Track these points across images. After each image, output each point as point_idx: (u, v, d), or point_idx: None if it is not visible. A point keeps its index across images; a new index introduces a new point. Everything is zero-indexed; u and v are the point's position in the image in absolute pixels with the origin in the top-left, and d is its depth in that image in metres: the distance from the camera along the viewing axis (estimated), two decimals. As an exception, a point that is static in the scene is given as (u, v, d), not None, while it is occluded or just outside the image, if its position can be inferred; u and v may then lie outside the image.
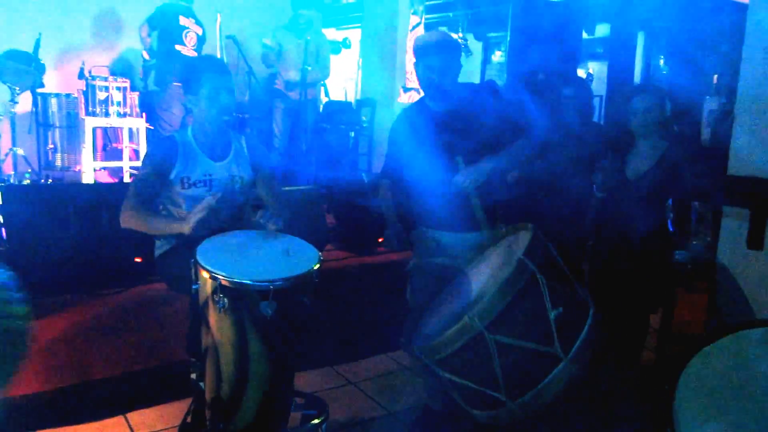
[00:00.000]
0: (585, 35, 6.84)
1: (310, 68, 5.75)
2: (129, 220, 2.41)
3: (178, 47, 5.58)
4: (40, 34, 5.11)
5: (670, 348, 3.24)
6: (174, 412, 2.73)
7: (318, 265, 2.19)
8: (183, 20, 5.65)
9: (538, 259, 2.05)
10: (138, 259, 3.86)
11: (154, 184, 2.46)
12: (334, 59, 6.61)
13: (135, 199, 2.43)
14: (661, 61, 7.26)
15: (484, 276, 2.28)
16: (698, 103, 5.93)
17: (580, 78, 5.12)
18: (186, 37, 5.65)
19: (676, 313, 3.34)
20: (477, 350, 1.99)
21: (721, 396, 1.71)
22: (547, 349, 2.00)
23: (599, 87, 8.39)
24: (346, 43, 10.61)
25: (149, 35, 5.64)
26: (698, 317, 3.76)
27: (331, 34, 11.31)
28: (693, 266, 3.71)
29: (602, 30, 7.56)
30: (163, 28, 5.58)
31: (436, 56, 2.48)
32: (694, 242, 4.39)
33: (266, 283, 2.01)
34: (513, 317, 1.99)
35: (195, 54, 5.71)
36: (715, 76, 6.07)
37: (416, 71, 2.58)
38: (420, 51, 2.54)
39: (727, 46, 6.17)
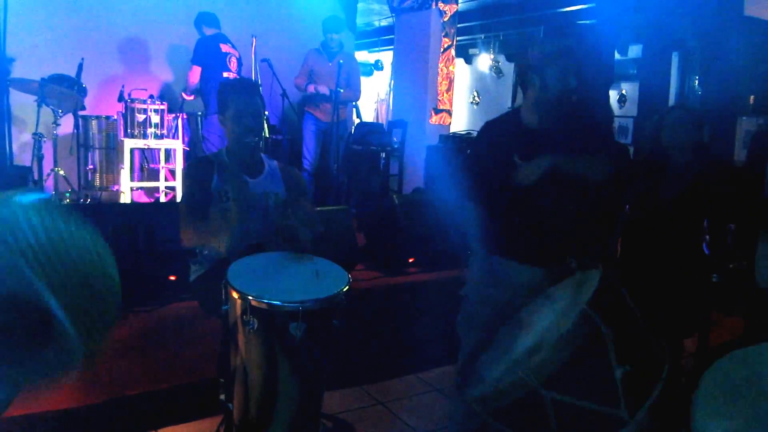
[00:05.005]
0: (617, 56, 6.81)
1: (342, 90, 5.85)
2: (190, 236, 2.44)
3: (225, 74, 5.72)
4: (82, 59, 5.28)
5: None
6: (204, 429, 2.76)
7: (347, 287, 2.20)
8: (223, 47, 5.81)
9: (606, 308, 1.89)
10: (172, 278, 3.94)
11: (201, 198, 2.52)
12: (366, 81, 6.70)
13: (190, 217, 2.47)
14: (696, 82, 7.17)
15: (546, 320, 2.10)
16: (732, 124, 5.83)
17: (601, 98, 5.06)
18: (230, 62, 5.82)
19: (713, 337, 3.27)
20: (532, 407, 1.83)
21: (741, 397, 1.68)
22: (610, 410, 1.81)
23: (632, 108, 8.33)
24: (378, 65, 10.76)
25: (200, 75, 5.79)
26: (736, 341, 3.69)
27: (364, 56, 11.48)
28: (730, 289, 3.63)
29: (635, 50, 7.52)
30: (209, 60, 5.74)
31: (573, 60, 2.24)
32: (731, 265, 4.30)
33: (296, 304, 2.03)
34: (573, 374, 1.83)
35: (236, 76, 5.86)
36: (752, 97, 5.97)
37: (540, 80, 2.27)
38: (556, 54, 2.25)
39: (765, 67, 6.08)
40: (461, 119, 11.06)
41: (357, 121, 7.02)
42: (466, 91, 11.49)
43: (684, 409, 1.65)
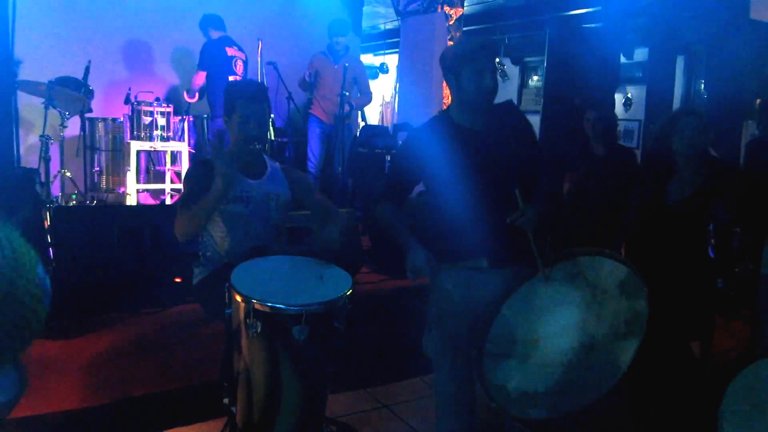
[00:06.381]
0: (623, 59, 6.80)
1: (347, 94, 5.86)
2: (183, 226, 2.43)
3: (231, 78, 5.74)
4: (89, 61, 5.30)
5: (709, 376, 3.17)
6: (211, 431, 2.76)
7: (351, 291, 2.19)
8: (229, 51, 5.82)
9: None
10: (178, 279, 3.95)
11: (199, 197, 2.49)
12: (371, 84, 6.72)
13: (185, 209, 2.45)
14: (702, 85, 7.16)
15: (564, 313, 2.09)
16: (738, 128, 5.82)
17: (605, 102, 5.06)
18: (236, 66, 5.83)
19: (718, 341, 3.26)
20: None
21: (766, 408, 1.67)
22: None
23: (638, 111, 8.32)
24: (383, 68, 10.77)
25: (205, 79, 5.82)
26: (739, 345, 3.67)
27: (369, 59, 11.49)
28: (735, 293, 3.64)
29: (641, 54, 7.52)
30: (214, 63, 5.76)
31: (488, 59, 2.27)
32: (737, 269, 4.29)
33: (299, 308, 2.03)
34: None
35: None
36: (758, 101, 5.96)
37: (456, 81, 2.30)
38: (468, 55, 2.26)
39: (771, 70, 6.05)
40: (466, 122, 11.04)
41: (362, 123, 7.03)
42: (471, 94, 11.47)
43: (710, 421, 1.65)
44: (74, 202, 5.39)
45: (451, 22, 7.49)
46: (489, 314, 2.09)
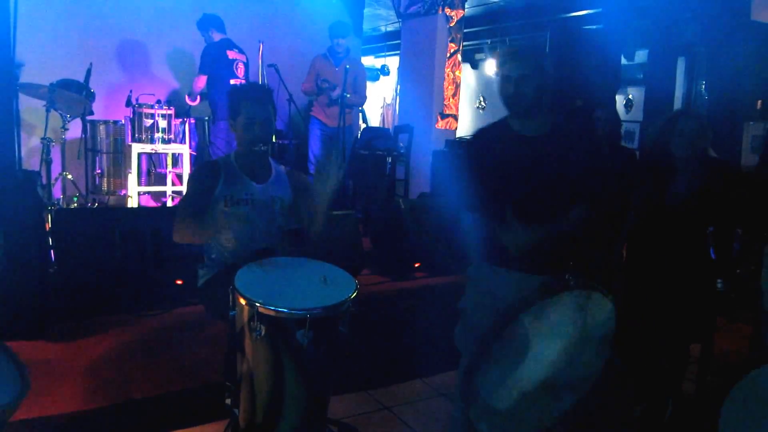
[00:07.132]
0: (624, 61, 6.80)
1: (348, 95, 5.87)
2: (182, 232, 2.46)
3: (233, 81, 5.74)
4: (91, 64, 5.31)
5: (711, 378, 3.16)
6: (211, 434, 2.77)
7: (355, 294, 2.19)
8: (230, 54, 5.83)
9: (620, 342, 1.96)
10: (179, 282, 3.95)
11: (201, 199, 2.52)
12: (372, 86, 6.72)
13: (185, 213, 2.48)
14: (702, 86, 7.15)
15: (552, 344, 2.04)
16: (739, 129, 5.81)
17: (610, 102, 5.06)
18: (237, 69, 5.83)
19: (718, 342, 3.25)
20: None
21: (765, 423, 1.66)
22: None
23: (639, 113, 8.31)
24: (384, 70, 10.78)
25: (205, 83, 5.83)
26: (740, 347, 3.67)
27: (370, 61, 11.51)
28: (736, 295, 3.63)
29: (642, 55, 7.53)
30: (216, 67, 5.77)
31: (512, 64, 2.25)
32: (738, 270, 4.28)
33: (303, 312, 2.03)
34: (597, 418, 1.95)
35: (244, 81, 5.88)
36: (759, 102, 5.96)
37: (496, 86, 2.34)
38: (498, 61, 2.32)
39: (771, 71, 6.05)
40: (467, 124, 11.06)
41: (363, 125, 7.03)
42: (472, 96, 11.49)
43: (710, 427, 1.64)
44: (75, 204, 5.40)
45: (452, 24, 7.49)
46: (506, 316, 2.04)
